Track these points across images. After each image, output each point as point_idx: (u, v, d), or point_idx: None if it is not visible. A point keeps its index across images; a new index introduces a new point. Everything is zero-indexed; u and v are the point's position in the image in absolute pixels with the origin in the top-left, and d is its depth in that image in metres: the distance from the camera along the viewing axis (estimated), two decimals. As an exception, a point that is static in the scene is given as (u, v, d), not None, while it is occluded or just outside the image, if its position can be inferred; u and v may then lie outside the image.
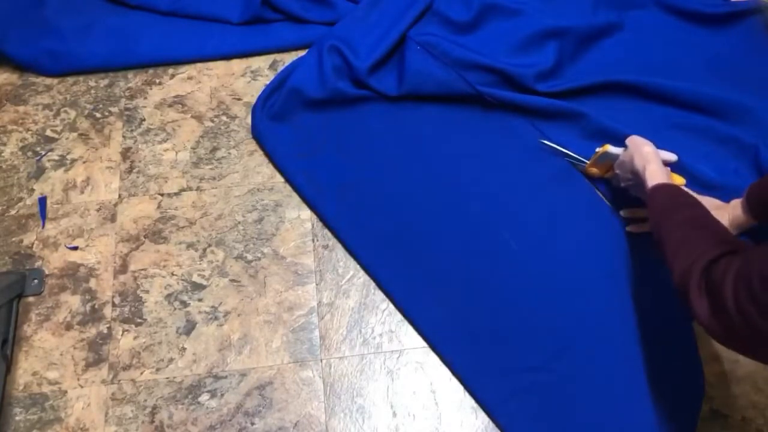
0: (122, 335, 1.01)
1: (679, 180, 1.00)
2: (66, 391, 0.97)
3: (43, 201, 1.12)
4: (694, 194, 0.92)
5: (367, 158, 1.13)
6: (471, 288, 1.01)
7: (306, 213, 1.10)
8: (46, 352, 1.00)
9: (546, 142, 1.11)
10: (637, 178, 0.91)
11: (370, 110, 1.18)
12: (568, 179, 1.10)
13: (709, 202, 0.98)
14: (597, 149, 1.02)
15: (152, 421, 0.95)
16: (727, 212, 0.96)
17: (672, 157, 0.97)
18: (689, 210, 0.79)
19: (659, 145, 0.98)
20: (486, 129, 1.15)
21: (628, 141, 0.95)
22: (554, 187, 1.10)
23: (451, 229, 1.06)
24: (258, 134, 1.15)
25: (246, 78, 1.24)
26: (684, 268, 0.69)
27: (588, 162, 1.07)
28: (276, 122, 1.16)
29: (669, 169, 0.95)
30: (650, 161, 0.89)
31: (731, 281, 0.60)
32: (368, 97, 1.18)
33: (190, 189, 1.13)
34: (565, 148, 1.09)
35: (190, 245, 1.08)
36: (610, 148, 0.99)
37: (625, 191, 1.02)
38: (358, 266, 1.05)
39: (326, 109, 1.17)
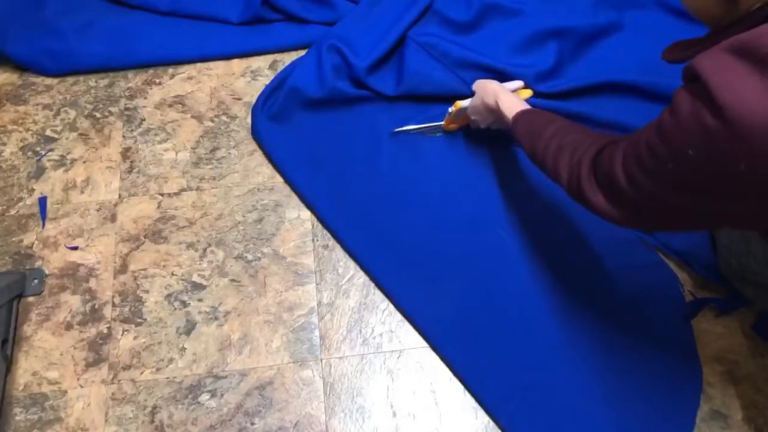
0: (122, 335, 1.01)
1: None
2: (66, 391, 0.97)
3: (43, 201, 1.12)
4: None
5: (365, 158, 1.13)
6: (470, 287, 1.01)
7: (306, 213, 1.10)
8: (46, 352, 1.00)
9: (398, 129, 1.13)
10: (495, 114, 0.98)
11: (369, 110, 1.17)
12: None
13: None
14: (450, 109, 1.08)
15: (152, 421, 0.95)
16: None
17: (517, 83, 1.07)
18: (555, 123, 0.83)
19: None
20: (484, 129, 1.15)
21: (474, 86, 1.04)
22: (552, 185, 1.09)
23: (449, 228, 1.06)
24: (257, 134, 1.15)
25: (246, 78, 1.24)
26: (570, 170, 0.74)
27: (443, 123, 1.12)
28: (275, 122, 1.16)
29: (518, 96, 1.00)
30: (499, 94, 0.96)
31: (620, 162, 0.64)
32: (367, 97, 1.18)
33: (190, 189, 1.13)
34: (415, 124, 1.13)
35: (190, 245, 1.08)
36: (462, 103, 1.05)
37: (488, 130, 1.07)
38: (358, 266, 1.05)
39: (325, 109, 1.17)
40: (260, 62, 1.25)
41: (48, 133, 1.19)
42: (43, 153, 1.17)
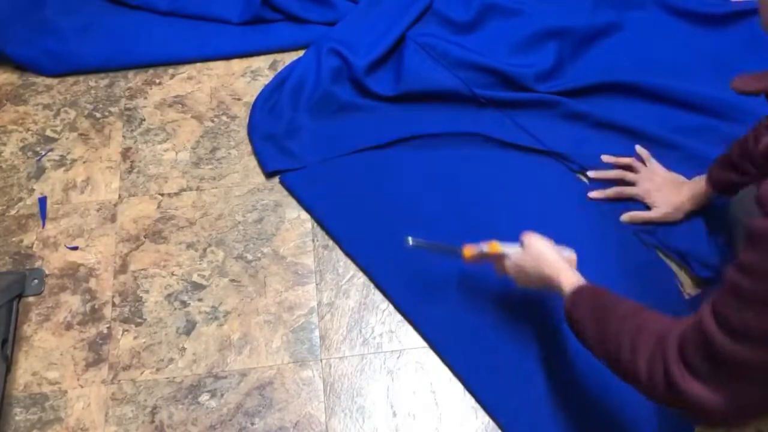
0: (122, 335, 1.01)
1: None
2: (66, 391, 0.97)
3: (43, 201, 1.12)
4: None
5: (362, 159, 1.13)
6: (470, 287, 1.01)
7: (306, 213, 1.10)
8: (46, 352, 1.00)
9: (414, 243, 0.91)
10: (548, 285, 0.83)
11: (366, 111, 1.17)
12: (564, 178, 1.10)
13: (670, 176, 1.04)
14: (484, 248, 0.88)
15: (152, 421, 0.95)
16: (688, 186, 1.01)
17: (570, 253, 0.87)
18: (622, 304, 0.71)
19: (660, 150, 0.98)
20: (482, 129, 1.14)
21: (526, 243, 0.85)
22: (550, 185, 1.10)
23: (448, 228, 1.06)
24: (252, 134, 1.15)
25: (246, 78, 1.24)
26: (651, 362, 0.61)
27: (465, 252, 0.90)
28: (273, 123, 1.16)
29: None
30: (561, 271, 0.80)
31: (709, 314, 0.55)
32: (364, 102, 1.17)
33: (190, 189, 1.13)
34: (435, 242, 0.94)
35: (190, 245, 1.08)
36: (502, 248, 0.87)
37: None
38: (357, 267, 1.05)
39: (323, 111, 1.17)
40: (260, 62, 1.25)
41: (48, 133, 1.19)
42: (43, 153, 1.17)
